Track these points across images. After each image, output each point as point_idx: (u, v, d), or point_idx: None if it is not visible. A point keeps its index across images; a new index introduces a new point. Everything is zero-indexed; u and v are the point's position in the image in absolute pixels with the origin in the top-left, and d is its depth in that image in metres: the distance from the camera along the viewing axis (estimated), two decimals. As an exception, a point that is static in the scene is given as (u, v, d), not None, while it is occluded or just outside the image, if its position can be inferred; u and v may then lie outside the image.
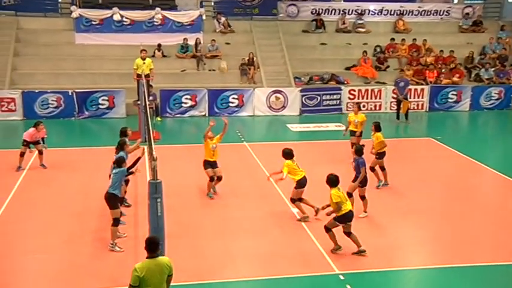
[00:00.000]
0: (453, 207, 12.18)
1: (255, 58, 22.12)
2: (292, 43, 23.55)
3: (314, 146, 16.76)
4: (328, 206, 9.85)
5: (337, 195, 9.52)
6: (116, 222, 9.80)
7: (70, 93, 19.65)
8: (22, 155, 13.86)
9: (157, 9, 22.73)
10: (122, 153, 10.55)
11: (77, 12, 22.15)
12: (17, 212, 11.30)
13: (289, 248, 10.12)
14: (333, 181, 9.66)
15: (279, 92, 21.21)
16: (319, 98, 21.42)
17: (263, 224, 11.06)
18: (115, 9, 22.32)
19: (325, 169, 12.76)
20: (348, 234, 9.68)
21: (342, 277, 9.10)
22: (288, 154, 11.09)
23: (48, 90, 19.71)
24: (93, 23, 22.31)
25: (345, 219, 9.59)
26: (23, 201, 11.93)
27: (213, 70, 22.22)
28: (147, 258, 6.49)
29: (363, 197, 11.38)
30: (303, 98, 21.29)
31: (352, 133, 14.77)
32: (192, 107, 20.62)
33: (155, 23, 22.73)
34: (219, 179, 12.32)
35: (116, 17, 22.31)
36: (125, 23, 22.46)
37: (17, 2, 22.66)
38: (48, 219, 10.99)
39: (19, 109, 19.34)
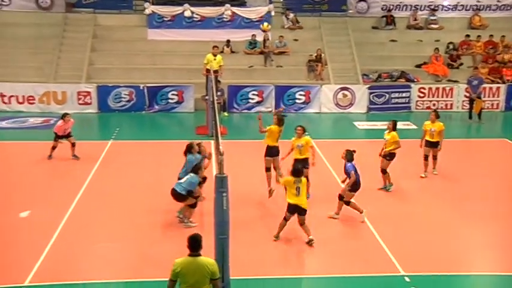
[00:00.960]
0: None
1: (322, 55, 21.90)
2: (361, 40, 23.13)
3: (381, 145, 16.37)
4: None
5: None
6: (194, 205, 10.36)
7: (141, 88, 20.21)
8: (54, 147, 14.32)
9: (227, 5, 22.97)
10: (190, 156, 10.78)
11: (150, 8, 22.76)
12: (89, 202, 11.72)
13: (352, 247, 9.98)
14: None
15: (347, 89, 20.91)
16: (387, 95, 20.95)
17: (326, 222, 10.94)
18: (186, 5, 22.76)
19: (390, 168, 12.61)
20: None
21: (407, 279, 8.85)
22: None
23: (121, 85, 20.35)
24: (165, 19, 22.84)
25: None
26: (95, 192, 12.36)
27: (281, 66, 22.20)
28: (188, 255, 6.44)
29: (347, 203, 10.87)
30: (371, 96, 20.89)
31: (428, 143, 13.48)
32: (258, 102, 20.70)
33: (224, 19, 22.98)
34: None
35: (187, 14, 22.73)
36: (195, 19, 22.84)
37: (96, 0, 23.56)
38: (119, 210, 11.34)
39: (94, 102, 20.10)
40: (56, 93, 19.94)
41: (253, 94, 20.68)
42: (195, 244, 6.43)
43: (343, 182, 11.15)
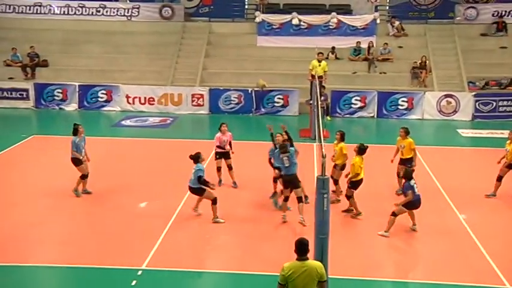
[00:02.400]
0: None
1: (427, 62, 21.07)
2: (468, 47, 21.99)
3: (485, 153, 15.47)
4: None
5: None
6: (214, 201, 10.59)
7: (249, 91, 20.65)
8: (219, 169, 12.74)
9: (333, 13, 22.83)
10: (198, 164, 10.67)
11: (260, 17, 23.20)
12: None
13: (456, 256, 9.51)
14: (360, 150, 10.71)
15: (451, 96, 19.94)
16: (494, 103, 19.71)
17: (429, 230, 10.51)
18: (294, 14, 22.93)
19: (492, 176, 11.87)
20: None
21: (510, 292, 8.31)
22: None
23: (231, 88, 20.94)
24: (274, 27, 23.17)
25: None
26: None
27: (384, 73, 21.66)
28: (296, 259, 6.21)
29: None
30: (477, 103, 19.76)
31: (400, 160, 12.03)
32: (361, 108, 20.37)
33: (330, 27, 22.85)
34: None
35: (295, 21, 22.88)
36: (302, 26, 22.95)
37: (211, 10, 24.48)
38: (229, 204, 11.64)
39: (206, 104, 20.84)
40: (173, 95, 20.93)
41: (356, 99, 20.37)
42: (302, 248, 6.19)
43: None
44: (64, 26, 23.97)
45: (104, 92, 21.11)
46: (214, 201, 10.65)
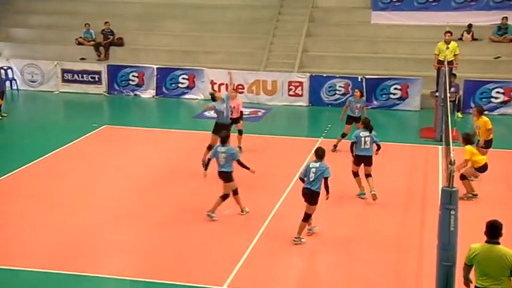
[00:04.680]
0: None
1: None
2: None
3: None
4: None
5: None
6: (225, 196, 11.29)
7: (359, 79, 20.41)
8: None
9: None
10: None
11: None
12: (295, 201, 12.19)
13: None
14: (466, 139, 12.23)
15: None
16: None
17: None
18: (420, -18, 22.34)
19: None
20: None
21: None
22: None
23: (337, 75, 20.84)
24: None
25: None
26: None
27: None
28: (485, 242, 6.83)
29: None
30: None
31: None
32: (504, 103, 19.45)
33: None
34: None
35: (423, -8, 22.29)
36: (430, -1, 22.33)
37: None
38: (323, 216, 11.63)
39: (305, 94, 20.87)
40: (266, 83, 21.21)
41: (498, 92, 19.50)
42: (494, 231, 6.77)
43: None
44: (143, -1, 25.04)
45: (185, 76, 21.85)
46: (235, 192, 11.34)
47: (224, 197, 11.31)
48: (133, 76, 22.26)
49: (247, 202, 11.73)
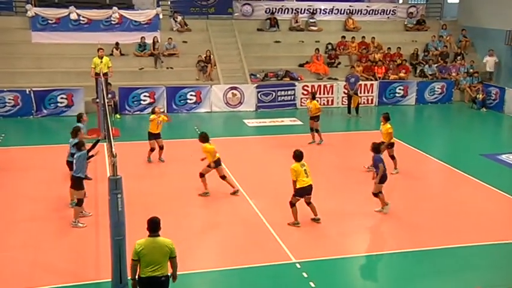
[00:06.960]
0: (404, 196, 12.52)
1: (211, 56, 22.02)
2: (247, 41, 23.55)
3: (269, 140, 16.87)
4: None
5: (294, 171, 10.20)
6: (80, 202, 10.42)
7: (27, 92, 19.06)
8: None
9: (114, 8, 22.27)
10: (76, 140, 10.73)
11: (32, 11, 21.48)
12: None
13: (247, 239, 10.19)
14: (297, 156, 10.28)
15: (235, 88, 21.18)
16: (274, 94, 21.51)
17: (226, 219, 11.08)
18: (72, 8, 21.74)
19: (279, 160, 13.02)
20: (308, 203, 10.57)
21: (298, 266, 9.20)
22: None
23: (5, 89, 19.06)
24: (50, 21, 21.68)
25: (304, 192, 10.35)
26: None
27: (171, 68, 22.00)
28: (148, 236, 6.92)
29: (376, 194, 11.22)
30: (259, 94, 21.34)
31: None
32: (150, 104, 20.16)
33: (112, 22, 22.29)
34: (161, 148, 14.26)
35: (73, 16, 21.73)
36: (82, 22, 21.93)
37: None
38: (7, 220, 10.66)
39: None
40: None
41: (145, 96, 20.30)
42: (154, 225, 6.92)
43: (373, 178, 11.22)
44: None
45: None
46: (79, 202, 10.48)
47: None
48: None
49: None
